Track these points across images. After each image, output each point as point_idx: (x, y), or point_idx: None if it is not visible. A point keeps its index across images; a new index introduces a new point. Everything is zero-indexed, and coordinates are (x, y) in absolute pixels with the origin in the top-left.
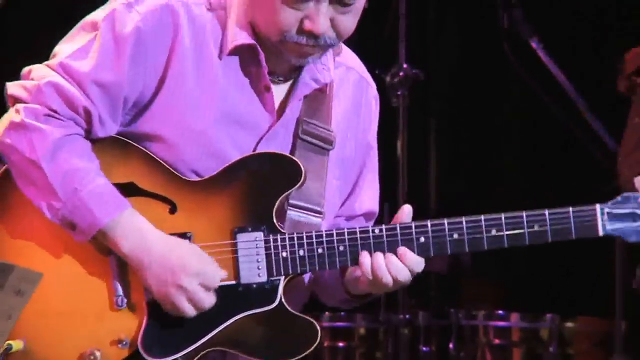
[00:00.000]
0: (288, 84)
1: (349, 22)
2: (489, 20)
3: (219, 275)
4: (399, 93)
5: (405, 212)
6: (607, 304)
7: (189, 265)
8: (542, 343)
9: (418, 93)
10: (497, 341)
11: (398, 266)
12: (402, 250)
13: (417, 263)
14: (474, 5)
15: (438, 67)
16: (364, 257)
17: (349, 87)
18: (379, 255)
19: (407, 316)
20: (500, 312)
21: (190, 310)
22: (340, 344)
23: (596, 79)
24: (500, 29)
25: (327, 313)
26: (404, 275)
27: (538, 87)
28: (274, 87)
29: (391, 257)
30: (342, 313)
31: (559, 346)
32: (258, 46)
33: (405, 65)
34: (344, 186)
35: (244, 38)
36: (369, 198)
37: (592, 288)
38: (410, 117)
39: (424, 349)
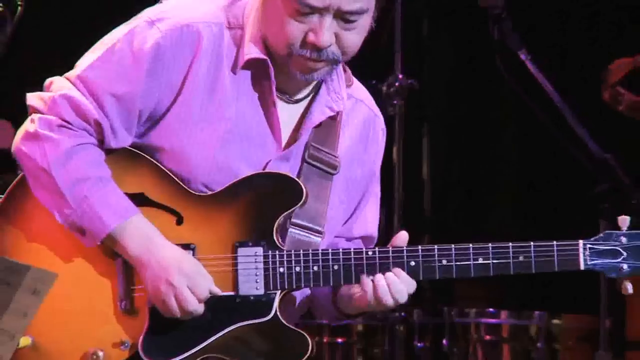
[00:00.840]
0: (298, 106)
1: (354, 39)
2: (480, 32)
3: (209, 288)
4: (394, 102)
5: (401, 237)
6: (592, 302)
7: (183, 267)
8: (531, 339)
9: (413, 102)
10: (487, 337)
11: (399, 287)
12: (397, 271)
13: (411, 284)
14: (467, 17)
15: (432, 78)
16: (366, 280)
17: (359, 118)
18: (379, 277)
19: (402, 314)
20: (490, 310)
21: (175, 309)
22: (339, 340)
23: (582, 88)
24: (491, 40)
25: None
26: (403, 296)
27: (527, 95)
28: (283, 106)
29: (392, 277)
30: None
31: (546, 342)
32: (269, 60)
33: (400, 76)
34: (347, 209)
35: (256, 53)
36: (368, 222)
37: (578, 287)
38: (405, 125)
39: (419, 345)
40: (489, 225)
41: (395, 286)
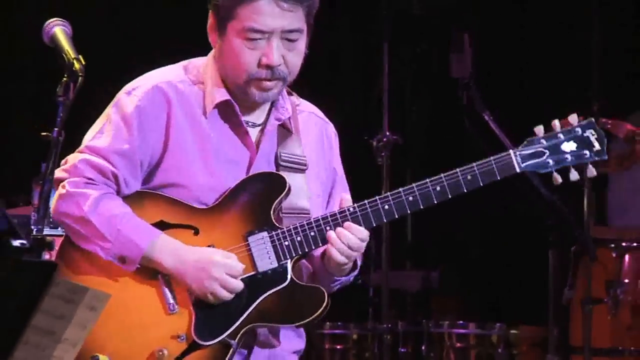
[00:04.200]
0: (259, 127)
1: (296, 59)
2: (452, 97)
3: (240, 265)
4: (382, 154)
5: (345, 198)
6: (542, 315)
7: (215, 260)
8: (493, 346)
9: (397, 154)
10: (458, 345)
11: (348, 235)
12: (347, 224)
13: (361, 231)
14: (441, 85)
15: (413, 134)
16: (330, 233)
17: (312, 127)
18: (338, 229)
19: (389, 325)
20: (460, 322)
21: (225, 294)
22: (338, 347)
23: None
24: (460, 104)
25: (327, 323)
26: (355, 242)
27: (489, 149)
28: (250, 130)
29: (341, 229)
30: (340, 323)
31: (506, 348)
32: (232, 100)
33: (387, 133)
34: (323, 201)
35: (221, 96)
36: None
37: (531, 303)
38: (391, 172)
39: (402, 350)
40: (458, 248)
41: (344, 235)
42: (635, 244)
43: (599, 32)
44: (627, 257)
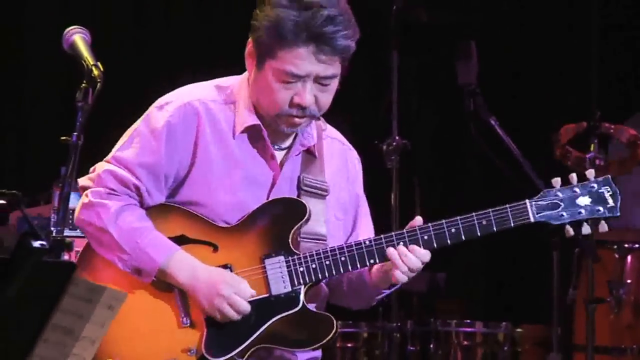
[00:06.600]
0: (285, 151)
1: (327, 98)
2: (458, 103)
3: (249, 290)
4: (392, 158)
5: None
6: (546, 315)
7: (226, 280)
8: (498, 344)
9: (406, 158)
10: (465, 343)
11: (411, 258)
12: (411, 247)
13: (423, 254)
14: (448, 92)
15: (421, 139)
16: (391, 251)
17: (336, 153)
18: (393, 251)
19: (398, 324)
20: (467, 321)
21: (231, 313)
22: (349, 345)
23: (538, 147)
24: (466, 110)
25: (339, 322)
26: (416, 265)
27: (494, 154)
28: (276, 153)
29: (404, 250)
30: (350, 322)
31: (511, 346)
32: (261, 125)
33: (397, 137)
34: (345, 225)
35: (251, 120)
36: (364, 235)
37: (536, 303)
38: (400, 176)
39: (411, 348)
40: (464, 250)
41: (408, 258)
42: (637, 245)
43: (598, 36)
44: (629, 258)
